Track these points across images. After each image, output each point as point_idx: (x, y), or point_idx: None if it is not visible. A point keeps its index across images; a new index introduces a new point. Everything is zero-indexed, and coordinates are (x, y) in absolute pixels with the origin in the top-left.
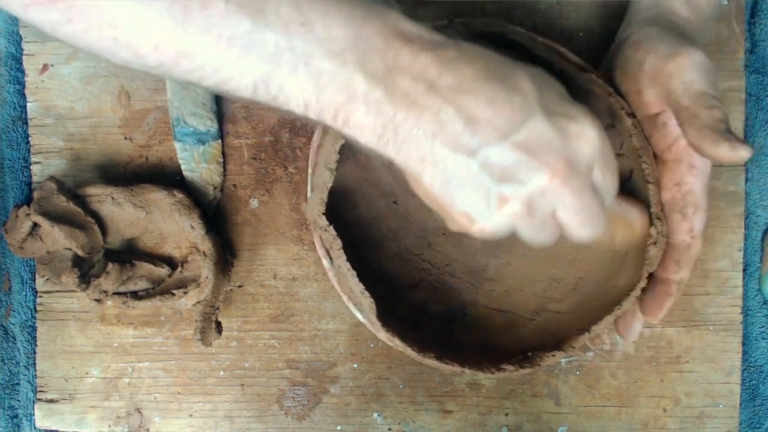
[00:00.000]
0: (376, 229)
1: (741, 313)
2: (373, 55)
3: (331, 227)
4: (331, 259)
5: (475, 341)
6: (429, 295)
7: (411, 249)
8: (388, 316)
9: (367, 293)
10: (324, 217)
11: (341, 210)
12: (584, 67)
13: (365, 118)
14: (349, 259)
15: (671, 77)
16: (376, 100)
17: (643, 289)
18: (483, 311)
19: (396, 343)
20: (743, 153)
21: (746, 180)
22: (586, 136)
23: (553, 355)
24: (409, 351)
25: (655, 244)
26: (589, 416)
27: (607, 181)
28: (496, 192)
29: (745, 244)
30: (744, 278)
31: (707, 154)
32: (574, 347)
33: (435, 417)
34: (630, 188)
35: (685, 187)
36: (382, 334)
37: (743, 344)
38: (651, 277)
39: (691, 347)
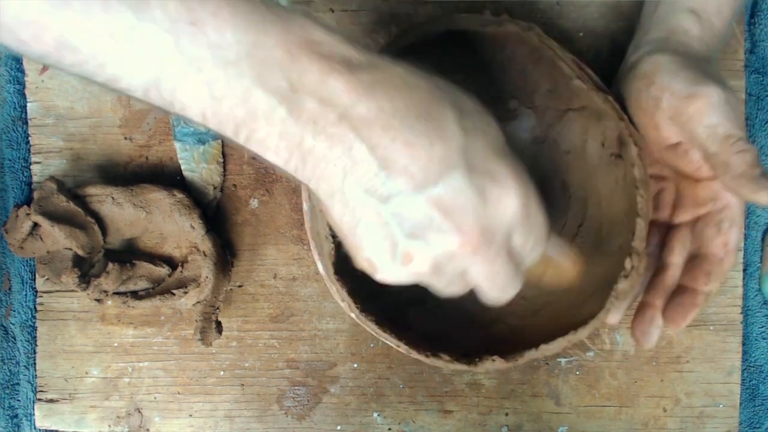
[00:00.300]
0: None
1: (741, 313)
2: (274, 69)
3: None
4: (310, 199)
5: (425, 331)
6: None
7: None
8: (361, 294)
9: (331, 238)
10: None
11: None
12: (602, 88)
13: (268, 139)
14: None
15: (691, 120)
16: (280, 120)
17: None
18: (441, 309)
19: (342, 296)
20: None
21: None
22: (507, 203)
23: (493, 360)
24: (353, 307)
25: (626, 277)
26: (589, 416)
27: (527, 245)
28: (403, 247)
29: (745, 244)
30: (744, 278)
31: (747, 199)
32: (517, 360)
33: (435, 417)
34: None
35: (721, 203)
36: (332, 285)
37: (743, 344)
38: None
39: (691, 347)
